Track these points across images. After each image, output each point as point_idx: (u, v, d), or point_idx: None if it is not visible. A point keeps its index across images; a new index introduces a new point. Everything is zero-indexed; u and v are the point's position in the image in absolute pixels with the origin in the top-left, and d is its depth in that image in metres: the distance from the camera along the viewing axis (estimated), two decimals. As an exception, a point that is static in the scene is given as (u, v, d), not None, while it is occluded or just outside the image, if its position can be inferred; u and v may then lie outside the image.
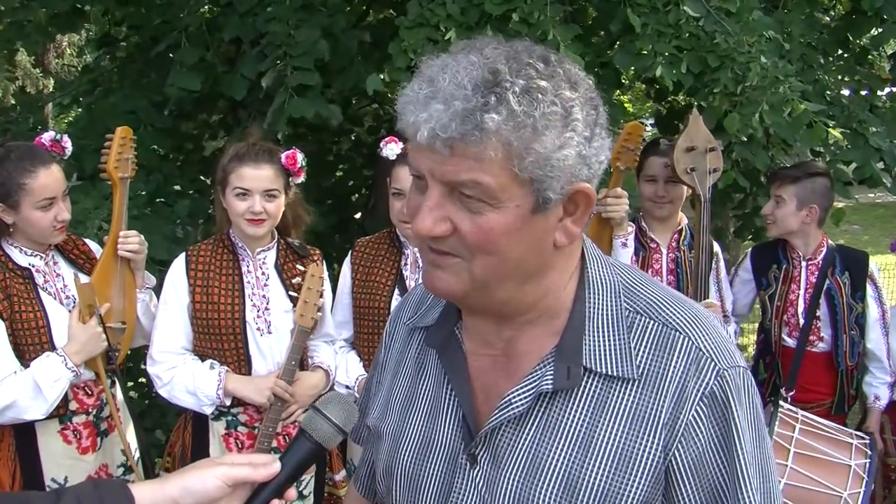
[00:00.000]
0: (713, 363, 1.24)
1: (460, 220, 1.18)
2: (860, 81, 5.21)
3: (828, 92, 4.48)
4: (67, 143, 3.07)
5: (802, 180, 3.72)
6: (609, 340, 1.27)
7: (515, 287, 1.26)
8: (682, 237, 3.72)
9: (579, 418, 1.26)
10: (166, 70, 4.78)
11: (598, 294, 1.30)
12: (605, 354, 1.26)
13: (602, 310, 1.29)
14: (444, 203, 1.19)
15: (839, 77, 5.04)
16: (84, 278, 3.08)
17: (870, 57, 5.46)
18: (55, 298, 3.03)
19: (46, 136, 3.04)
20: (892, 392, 3.88)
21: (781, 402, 3.45)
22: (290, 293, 3.18)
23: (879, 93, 5.19)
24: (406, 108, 1.18)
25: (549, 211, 1.20)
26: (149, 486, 1.28)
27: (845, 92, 4.97)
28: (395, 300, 3.25)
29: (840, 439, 3.33)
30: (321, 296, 3.19)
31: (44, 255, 3.05)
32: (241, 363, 3.14)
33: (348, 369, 3.33)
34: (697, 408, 1.23)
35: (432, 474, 1.37)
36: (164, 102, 4.87)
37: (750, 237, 5.70)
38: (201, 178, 5.43)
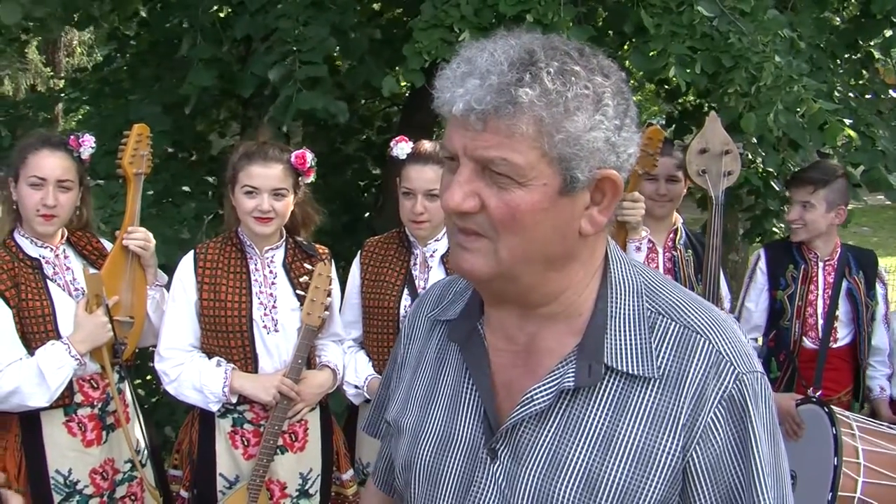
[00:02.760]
0: (732, 367, 1.26)
1: (488, 196, 1.21)
2: (865, 85, 5.20)
3: (836, 93, 4.47)
4: (86, 143, 3.08)
5: (832, 182, 3.74)
6: (631, 339, 1.28)
7: (540, 272, 1.27)
8: (678, 236, 3.71)
9: (600, 416, 1.27)
10: (179, 71, 4.78)
11: (621, 294, 1.31)
12: (627, 353, 1.27)
13: (624, 309, 1.30)
14: (473, 179, 1.22)
15: (847, 80, 5.03)
16: (93, 270, 3.10)
17: (877, 61, 5.44)
18: (64, 290, 3.06)
19: (74, 133, 3.14)
20: (891, 385, 3.97)
21: (833, 406, 3.52)
22: (298, 292, 3.18)
23: (883, 97, 5.17)
24: (443, 86, 1.22)
25: (576, 195, 1.22)
26: None
27: (851, 94, 4.95)
28: (405, 300, 3.25)
29: (892, 433, 3.43)
30: (329, 295, 3.19)
31: (54, 248, 3.08)
32: (248, 361, 3.14)
33: (357, 369, 3.31)
34: (716, 410, 1.24)
35: (452, 468, 1.38)
36: (175, 105, 4.87)
37: (759, 239, 5.68)
38: (208, 178, 5.43)
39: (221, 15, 5.15)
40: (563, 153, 1.18)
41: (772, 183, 5.18)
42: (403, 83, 4.19)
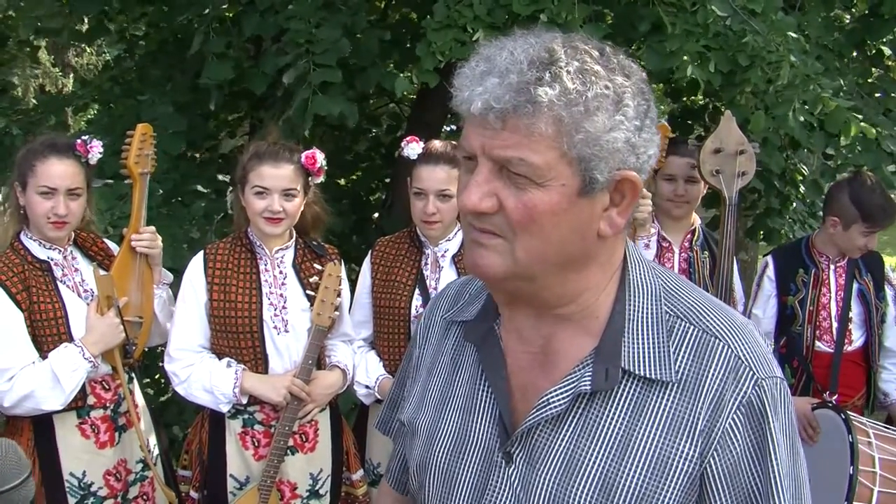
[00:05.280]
0: (751, 372, 1.24)
1: (506, 197, 1.20)
2: (874, 84, 5.17)
3: (841, 93, 4.45)
4: (94, 148, 3.06)
5: None
6: (649, 343, 1.26)
7: (557, 273, 1.25)
8: (696, 237, 3.70)
9: (617, 421, 1.25)
10: (191, 70, 4.77)
11: (639, 297, 1.30)
12: (645, 357, 1.25)
13: (642, 312, 1.29)
14: (491, 179, 1.20)
15: (855, 79, 5.00)
16: (103, 271, 3.10)
17: (888, 59, 5.40)
18: (73, 291, 3.05)
19: (81, 138, 3.10)
20: None
21: (849, 411, 3.48)
22: (308, 292, 3.18)
23: (893, 94, 5.15)
24: (462, 84, 1.21)
25: (595, 196, 1.21)
26: None
27: (861, 94, 4.92)
28: (416, 300, 3.24)
29: None
30: (338, 295, 3.19)
31: (62, 250, 3.07)
32: (258, 361, 3.14)
33: (368, 369, 3.31)
34: (734, 416, 1.23)
35: (467, 471, 1.37)
36: (187, 104, 4.86)
37: (762, 239, 5.66)
38: (219, 177, 5.43)
39: (230, 15, 5.15)
40: (582, 154, 1.16)
41: (774, 182, 5.17)
42: (417, 83, 4.17)
